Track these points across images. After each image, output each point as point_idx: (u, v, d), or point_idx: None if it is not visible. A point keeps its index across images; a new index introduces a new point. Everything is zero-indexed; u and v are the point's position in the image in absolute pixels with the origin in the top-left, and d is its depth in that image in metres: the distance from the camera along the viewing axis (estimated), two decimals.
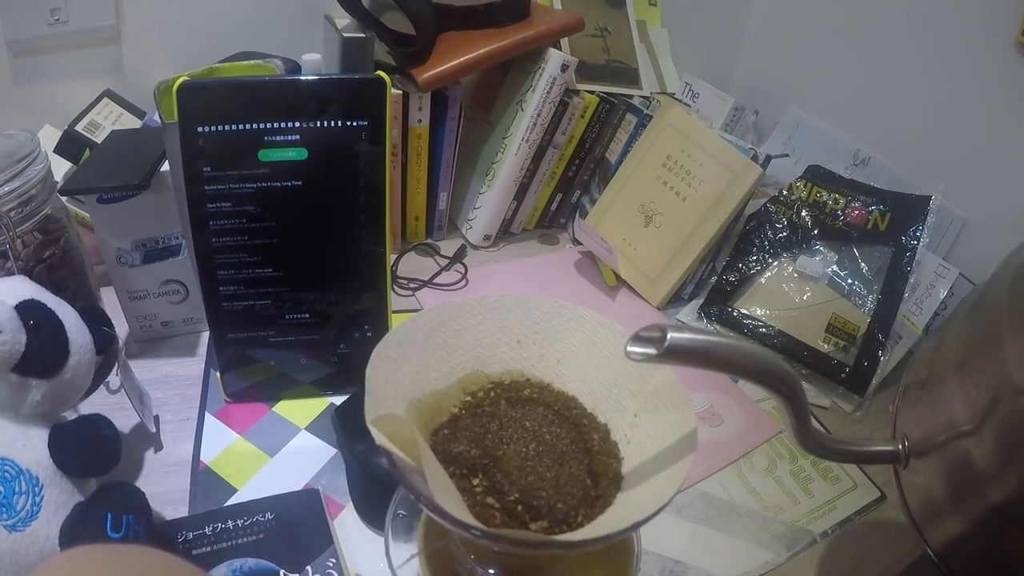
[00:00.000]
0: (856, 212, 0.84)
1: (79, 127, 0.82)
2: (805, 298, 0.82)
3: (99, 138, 0.81)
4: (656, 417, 0.41)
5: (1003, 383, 0.34)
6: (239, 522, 0.53)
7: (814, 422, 0.41)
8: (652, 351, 0.32)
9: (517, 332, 0.45)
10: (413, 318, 0.43)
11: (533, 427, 0.42)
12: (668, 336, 0.31)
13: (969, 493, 0.36)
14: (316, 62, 0.74)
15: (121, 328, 0.70)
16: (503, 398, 0.44)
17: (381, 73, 0.58)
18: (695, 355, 0.32)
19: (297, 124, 0.57)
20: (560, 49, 0.89)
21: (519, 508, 0.37)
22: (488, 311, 0.45)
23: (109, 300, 0.71)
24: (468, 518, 0.33)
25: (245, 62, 0.65)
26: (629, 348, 0.33)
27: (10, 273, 0.58)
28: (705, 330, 0.33)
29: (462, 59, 0.83)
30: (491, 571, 0.43)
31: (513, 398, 0.44)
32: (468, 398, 0.44)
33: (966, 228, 0.86)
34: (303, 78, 0.60)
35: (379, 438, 0.32)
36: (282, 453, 0.62)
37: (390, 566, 0.45)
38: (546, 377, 0.46)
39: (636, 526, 0.33)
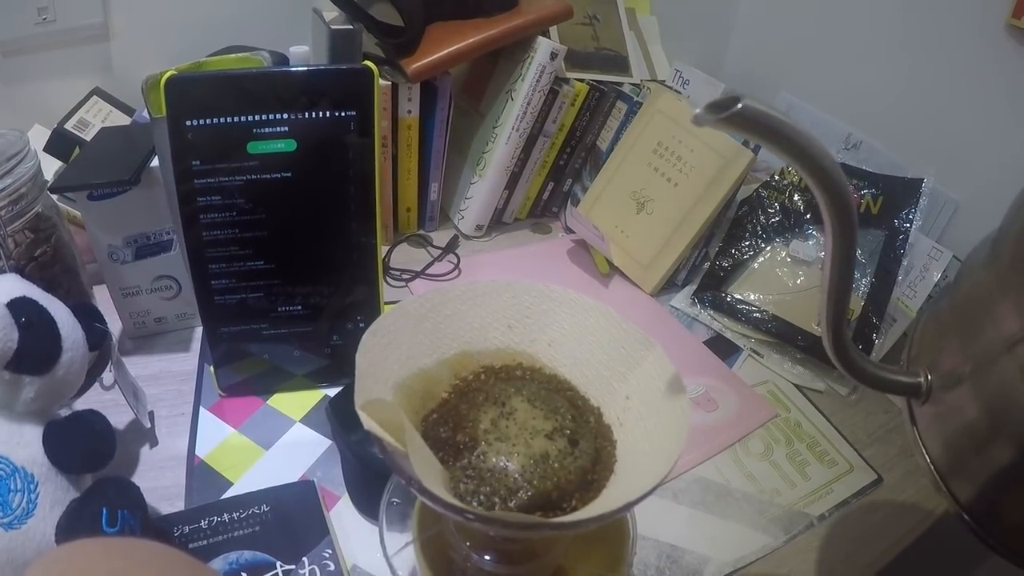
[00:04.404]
0: None
1: (68, 125, 0.82)
2: (799, 282, 0.82)
3: (88, 136, 0.81)
4: (648, 399, 0.40)
5: None
6: (235, 515, 0.53)
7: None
8: (720, 113, 0.30)
9: (507, 317, 0.45)
10: (403, 304, 0.43)
11: None
12: (741, 102, 0.29)
13: (1002, 432, 0.33)
14: (304, 54, 0.74)
15: (114, 325, 0.69)
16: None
17: (368, 63, 0.58)
18: (762, 126, 0.31)
19: (285, 116, 0.57)
20: (549, 37, 0.88)
21: None
22: (478, 296, 0.45)
23: (102, 298, 0.70)
24: (456, 499, 0.33)
25: (232, 55, 0.65)
26: (696, 111, 0.32)
27: (1, 271, 0.58)
28: (779, 110, 0.32)
29: (451, 49, 0.83)
30: (486, 557, 0.43)
31: (504, 382, 0.44)
32: (458, 382, 0.44)
33: (959, 211, 0.86)
34: (290, 69, 0.60)
35: (367, 423, 0.32)
36: (277, 446, 0.62)
37: (385, 555, 0.45)
38: (537, 361, 0.45)
39: (630, 505, 0.33)
